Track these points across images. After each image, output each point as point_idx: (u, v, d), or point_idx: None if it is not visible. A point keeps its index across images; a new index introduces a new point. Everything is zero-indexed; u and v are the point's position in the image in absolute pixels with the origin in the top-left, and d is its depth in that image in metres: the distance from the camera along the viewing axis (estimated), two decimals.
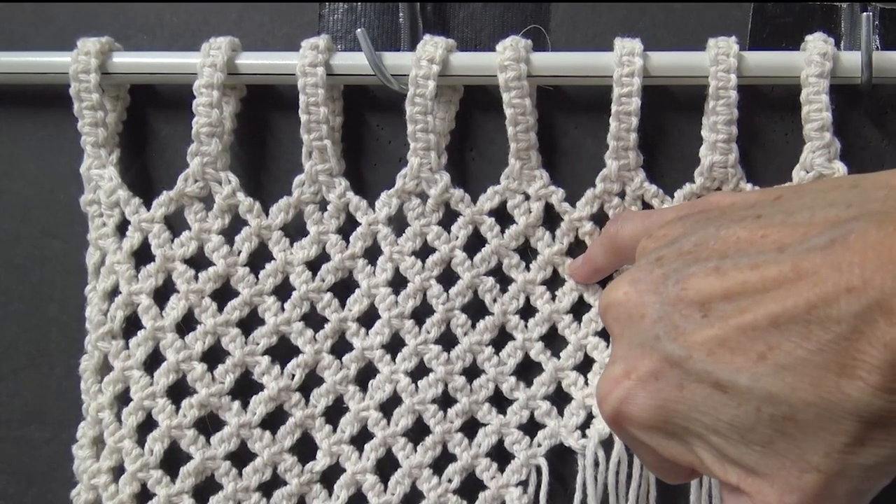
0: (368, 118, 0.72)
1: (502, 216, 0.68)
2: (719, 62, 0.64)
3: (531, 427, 0.68)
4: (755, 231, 0.45)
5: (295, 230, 0.69)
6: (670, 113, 0.70)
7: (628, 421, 0.48)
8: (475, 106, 0.71)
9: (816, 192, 0.47)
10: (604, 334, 0.68)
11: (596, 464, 0.66)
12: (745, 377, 0.43)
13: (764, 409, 0.43)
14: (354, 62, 0.67)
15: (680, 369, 0.45)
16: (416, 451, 0.68)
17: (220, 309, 0.68)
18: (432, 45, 0.66)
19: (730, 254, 0.45)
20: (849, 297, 0.39)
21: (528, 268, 0.68)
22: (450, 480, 0.68)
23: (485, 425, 0.68)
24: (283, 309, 0.68)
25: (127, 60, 0.69)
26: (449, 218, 0.68)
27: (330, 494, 0.68)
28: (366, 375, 0.69)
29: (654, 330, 0.46)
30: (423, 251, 0.68)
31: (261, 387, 0.68)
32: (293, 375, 0.68)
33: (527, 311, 0.68)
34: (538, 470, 0.68)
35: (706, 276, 0.45)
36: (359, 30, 0.66)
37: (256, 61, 0.68)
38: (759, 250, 0.44)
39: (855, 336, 0.40)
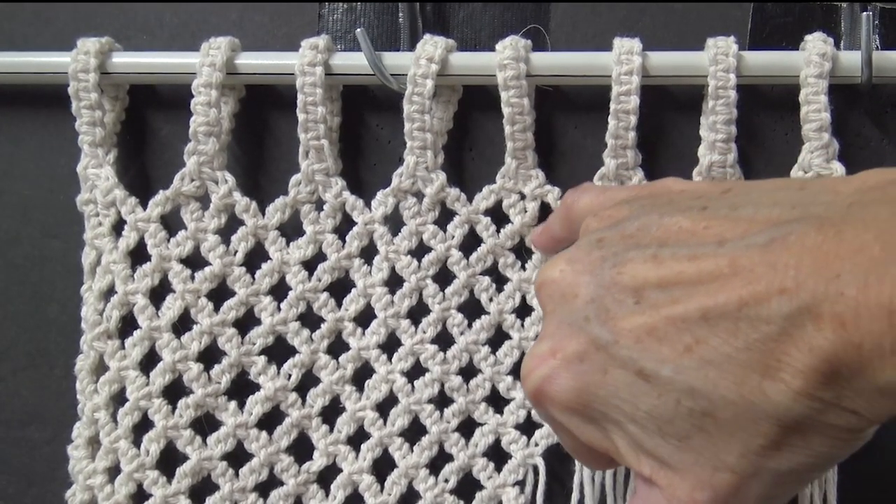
0: (368, 118, 0.72)
1: (498, 215, 0.68)
2: (718, 62, 0.64)
3: (528, 426, 0.68)
4: (698, 222, 0.45)
5: (291, 230, 0.69)
6: (669, 113, 0.69)
7: (548, 400, 0.47)
8: (475, 106, 0.71)
9: (764, 190, 0.47)
10: None
11: None
12: (669, 368, 0.42)
13: (684, 402, 0.43)
14: (354, 62, 0.67)
15: (605, 353, 0.45)
16: (412, 451, 0.68)
17: (217, 309, 0.68)
18: (432, 45, 0.66)
19: (670, 242, 0.45)
20: (780, 298, 0.39)
21: (523, 267, 0.68)
22: (446, 480, 0.67)
23: (481, 425, 0.68)
24: (279, 309, 0.68)
25: (126, 60, 0.69)
26: (445, 217, 0.68)
27: (327, 495, 0.68)
28: (362, 375, 0.68)
29: (585, 311, 0.46)
30: (420, 250, 0.68)
31: (257, 387, 0.68)
32: (289, 375, 0.68)
33: (523, 310, 0.68)
34: (535, 470, 0.68)
35: (643, 263, 0.45)
36: (358, 30, 0.66)
37: (255, 61, 0.68)
38: (699, 242, 0.44)
39: (783, 338, 0.39)
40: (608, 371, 0.45)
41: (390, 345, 0.68)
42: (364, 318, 0.68)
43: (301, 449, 0.69)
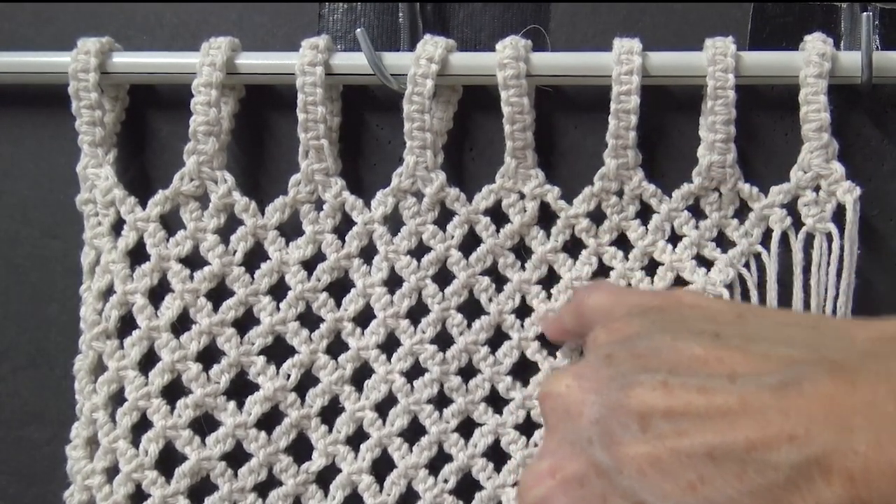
0: (368, 118, 0.72)
1: (498, 215, 0.68)
2: (717, 62, 0.64)
3: (527, 427, 0.68)
4: (710, 351, 0.44)
5: (291, 230, 0.69)
6: (669, 113, 0.69)
7: None
8: (476, 106, 0.70)
9: (777, 323, 0.46)
10: None
11: None
12: None
13: None
14: (354, 62, 0.67)
15: (607, 480, 0.44)
16: (411, 451, 0.68)
17: (216, 308, 0.68)
18: (432, 45, 0.66)
19: (680, 370, 0.44)
20: (790, 445, 0.38)
21: (523, 267, 0.68)
22: (446, 481, 0.67)
23: (481, 425, 0.68)
24: (278, 309, 0.68)
25: (126, 60, 0.69)
26: (445, 217, 0.68)
27: (326, 495, 0.68)
28: (361, 375, 0.68)
29: (589, 432, 0.45)
30: (419, 250, 0.68)
31: (256, 387, 0.68)
32: (289, 375, 0.68)
33: (522, 311, 0.68)
34: None
35: (652, 389, 0.44)
36: (358, 30, 0.66)
37: (255, 61, 0.68)
38: (710, 374, 0.43)
39: (789, 487, 0.39)
40: (607, 499, 0.44)
41: (389, 345, 0.68)
42: (363, 318, 0.68)
43: (300, 449, 0.69)
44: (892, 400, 0.37)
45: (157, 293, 0.68)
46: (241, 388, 0.68)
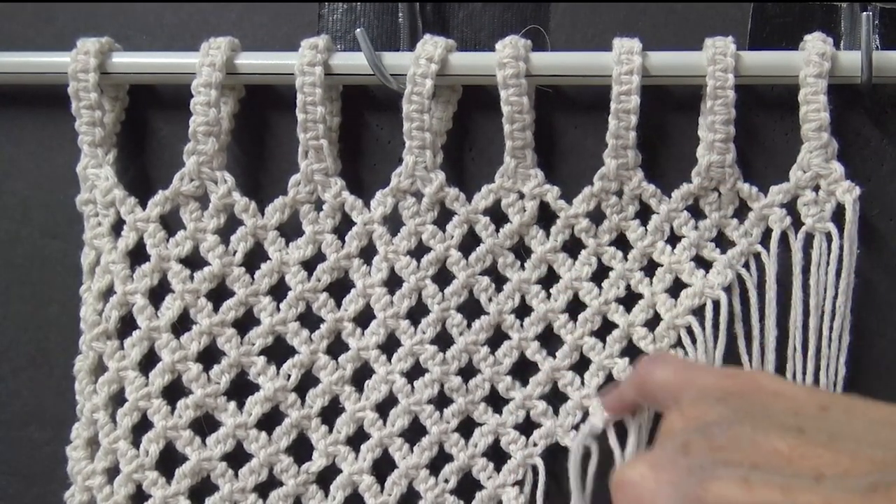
0: (368, 118, 0.72)
1: (498, 215, 0.68)
2: (716, 62, 0.64)
3: (527, 427, 0.68)
4: (795, 448, 0.42)
5: (291, 230, 0.69)
6: (669, 113, 0.69)
7: None
8: (475, 106, 0.71)
9: (866, 420, 0.44)
10: (600, 334, 0.68)
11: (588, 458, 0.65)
12: None
13: None
14: (354, 62, 0.67)
15: None
16: (412, 451, 0.68)
17: (216, 309, 0.68)
18: (432, 45, 0.66)
19: (762, 466, 0.42)
20: None
21: (522, 267, 0.68)
22: (446, 481, 0.67)
23: (481, 425, 0.68)
24: (278, 309, 0.68)
25: (126, 60, 0.69)
26: (444, 217, 0.68)
27: (326, 495, 0.68)
28: (362, 376, 0.68)
29: None
30: (419, 250, 0.68)
31: (256, 387, 0.68)
32: (289, 376, 0.68)
33: (522, 311, 0.68)
34: (534, 469, 0.68)
35: (732, 484, 0.41)
36: (358, 30, 0.66)
37: (255, 61, 0.68)
38: (795, 472, 0.41)
39: None
40: None
41: (390, 345, 0.68)
42: (363, 318, 0.68)
43: (300, 449, 0.69)
44: None
45: (158, 294, 0.68)
46: (241, 389, 0.68)
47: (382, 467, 0.68)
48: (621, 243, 0.68)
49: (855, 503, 0.37)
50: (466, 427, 0.68)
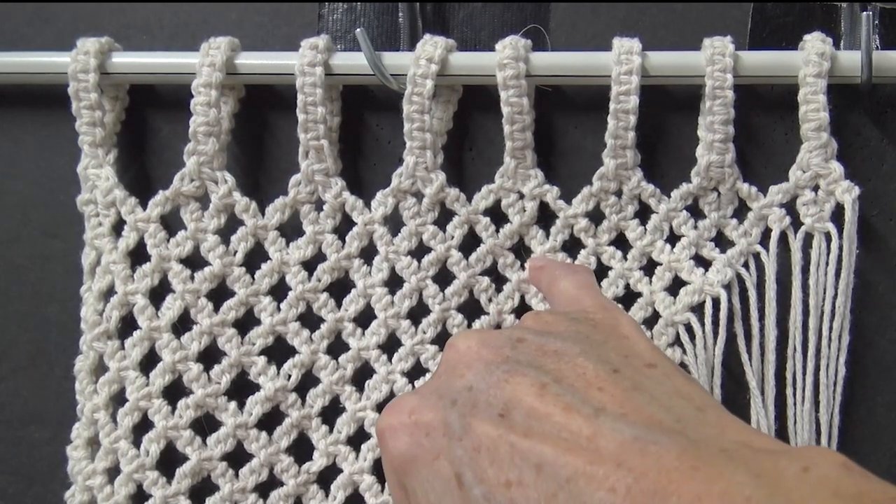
0: (368, 118, 0.72)
1: (498, 215, 0.68)
2: (715, 62, 0.64)
3: None
4: (600, 380, 0.45)
5: (291, 230, 0.69)
6: (669, 113, 0.69)
7: (383, 445, 0.48)
8: (475, 106, 0.71)
9: (674, 389, 0.46)
10: None
11: None
12: (481, 490, 0.42)
13: None
14: (354, 62, 0.67)
15: (446, 442, 0.45)
16: None
17: (216, 309, 0.68)
18: (432, 45, 0.66)
19: (564, 381, 0.45)
20: (605, 494, 0.38)
21: (522, 267, 0.68)
22: None
23: None
24: (279, 309, 0.68)
25: (126, 60, 0.69)
26: (444, 217, 0.68)
27: (327, 495, 0.68)
28: (362, 376, 0.69)
29: (459, 394, 0.46)
30: (419, 251, 0.68)
31: (257, 387, 0.68)
32: (289, 376, 0.68)
33: (522, 311, 0.68)
34: None
35: (530, 385, 0.44)
36: (358, 30, 0.66)
37: (255, 61, 0.68)
38: (585, 398, 0.43)
39: None
40: (438, 458, 0.45)
41: (390, 345, 0.68)
42: (364, 318, 0.68)
43: (301, 449, 0.69)
44: (717, 502, 0.36)
45: (158, 294, 0.69)
46: (241, 389, 0.68)
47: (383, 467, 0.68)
48: (620, 243, 0.68)
49: (612, 444, 0.40)
50: None
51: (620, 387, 0.44)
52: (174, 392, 0.68)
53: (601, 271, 0.68)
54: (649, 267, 0.68)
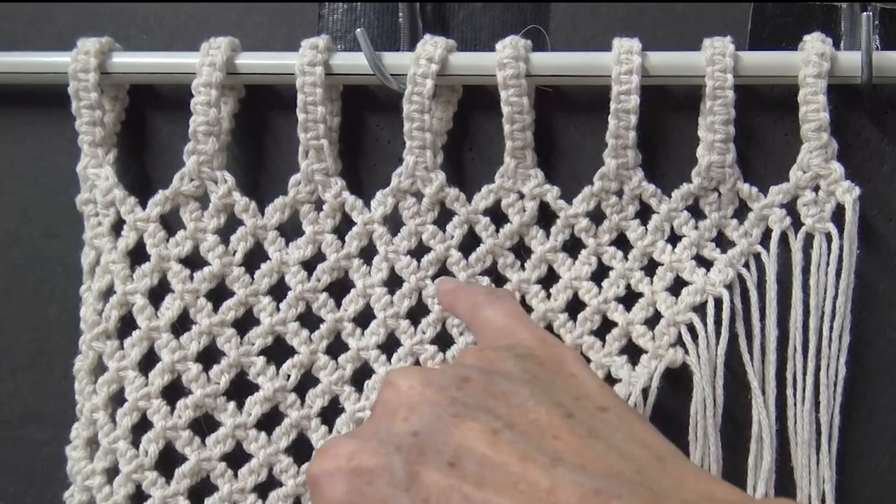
0: (368, 118, 0.72)
1: (498, 215, 0.68)
2: (715, 62, 0.64)
3: None
4: (554, 427, 0.44)
5: (291, 230, 0.69)
6: (670, 113, 0.69)
7: (317, 491, 0.46)
8: (475, 106, 0.70)
9: (632, 436, 0.45)
10: (599, 333, 0.67)
11: None
12: None
13: None
14: (354, 62, 0.67)
15: (392, 491, 0.43)
16: None
17: (216, 309, 0.68)
18: (432, 45, 0.66)
19: (517, 428, 0.43)
20: None
21: (522, 267, 0.68)
22: None
23: None
24: (278, 309, 0.68)
25: (126, 60, 0.69)
26: (444, 217, 0.68)
27: None
28: (361, 376, 0.68)
29: (403, 440, 0.45)
30: (419, 251, 0.68)
31: (256, 387, 0.68)
32: (289, 376, 0.68)
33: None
34: None
35: (482, 432, 0.43)
36: (358, 30, 0.66)
37: (255, 61, 0.68)
38: (540, 447, 0.42)
39: None
40: None
41: (390, 345, 0.68)
42: (363, 318, 0.68)
43: (300, 450, 0.69)
44: None
45: (157, 293, 0.69)
46: (241, 389, 0.68)
47: None
48: (621, 243, 0.68)
49: (573, 498, 0.39)
50: None
51: (576, 434, 0.43)
52: (173, 392, 0.68)
53: (601, 271, 0.68)
54: (650, 267, 0.68)
